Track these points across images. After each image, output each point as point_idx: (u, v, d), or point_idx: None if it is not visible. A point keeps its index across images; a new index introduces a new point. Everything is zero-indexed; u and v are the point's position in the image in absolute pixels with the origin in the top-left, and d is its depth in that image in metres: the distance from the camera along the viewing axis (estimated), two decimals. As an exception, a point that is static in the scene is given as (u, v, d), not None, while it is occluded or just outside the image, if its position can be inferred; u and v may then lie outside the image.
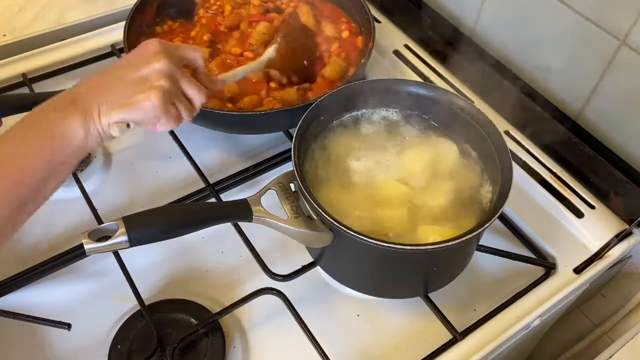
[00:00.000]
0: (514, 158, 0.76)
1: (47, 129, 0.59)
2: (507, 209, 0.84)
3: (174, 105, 0.64)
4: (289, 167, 0.70)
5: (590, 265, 0.79)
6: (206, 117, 0.83)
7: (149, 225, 0.61)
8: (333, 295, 0.77)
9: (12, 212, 0.57)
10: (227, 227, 0.77)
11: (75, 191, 0.82)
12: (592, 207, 0.83)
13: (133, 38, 0.90)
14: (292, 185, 0.70)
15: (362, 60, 0.88)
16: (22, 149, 0.58)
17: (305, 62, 0.89)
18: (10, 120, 0.80)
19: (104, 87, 0.62)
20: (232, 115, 0.82)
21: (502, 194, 0.67)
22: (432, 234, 0.67)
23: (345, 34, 0.96)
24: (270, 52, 0.83)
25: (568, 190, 0.84)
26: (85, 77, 0.65)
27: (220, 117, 0.82)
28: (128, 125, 0.62)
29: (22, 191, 0.57)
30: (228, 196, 0.84)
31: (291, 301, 0.73)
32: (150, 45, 0.65)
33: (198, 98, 0.67)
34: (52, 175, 0.59)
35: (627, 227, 0.80)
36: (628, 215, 0.82)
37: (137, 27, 0.93)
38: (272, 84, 0.88)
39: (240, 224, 0.78)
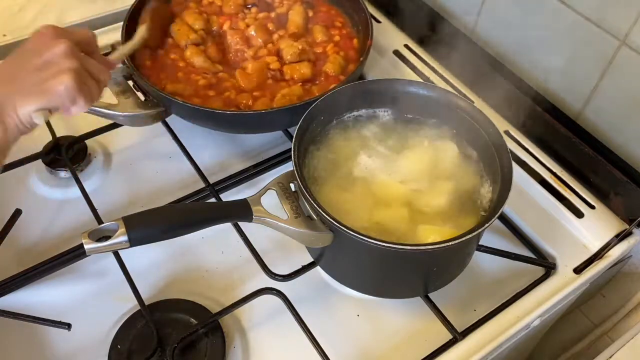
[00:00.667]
0: (514, 158, 0.76)
1: None
2: (507, 209, 0.84)
3: (85, 85, 0.65)
4: (289, 167, 0.70)
5: (590, 265, 0.79)
6: (206, 117, 0.83)
7: (149, 225, 0.61)
8: (333, 295, 0.77)
9: None
10: (227, 227, 0.77)
11: (75, 191, 0.82)
12: (592, 207, 0.83)
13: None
14: (292, 185, 0.70)
15: (362, 58, 0.88)
16: None
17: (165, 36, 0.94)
18: None
19: (11, 78, 0.62)
20: (231, 114, 0.82)
21: (502, 194, 0.67)
22: (432, 234, 0.67)
23: (336, 38, 0.96)
24: (142, 30, 0.87)
25: (568, 190, 0.84)
26: None
27: (220, 116, 0.81)
28: (50, 112, 0.63)
29: None
30: (228, 196, 0.84)
31: (291, 301, 0.73)
32: (45, 31, 0.65)
33: (103, 75, 0.68)
34: None
35: (627, 227, 0.80)
36: (628, 215, 0.82)
37: (137, 27, 0.93)
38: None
39: (240, 224, 0.78)
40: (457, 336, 0.71)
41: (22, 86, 0.61)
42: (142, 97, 0.85)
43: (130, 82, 0.87)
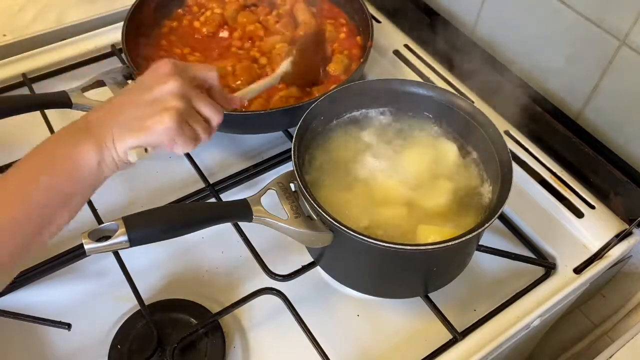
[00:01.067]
0: (514, 158, 0.76)
1: (60, 159, 0.58)
2: (507, 209, 0.84)
3: (188, 126, 0.62)
4: (289, 167, 0.70)
5: (590, 265, 0.79)
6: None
7: (149, 225, 0.61)
8: (333, 295, 0.77)
9: (18, 246, 0.56)
10: (227, 227, 0.77)
11: (75, 191, 0.82)
12: (592, 207, 0.83)
13: (132, 38, 0.90)
14: (292, 185, 0.70)
15: (362, 59, 0.88)
16: (32, 179, 0.57)
17: (320, 69, 0.88)
18: (10, 122, 0.81)
19: (116, 112, 0.61)
20: (231, 115, 0.82)
21: (502, 194, 0.67)
22: (432, 234, 0.67)
23: (342, 35, 0.96)
24: (285, 65, 0.81)
25: (568, 190, 0.84)
26: (100, 103, 0.63)
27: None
28: (146, 150, 0.61)
29: (30, 225, 0.56)
30: (228, 196, 0.84)
31: (291, 301, 0.73)
32: (162, 65, 0.63)
33: (215, 117, 0.65)
34: (63, 206, 0.58)
35: (627, 227, 0.80)
36: (628, 215, 0.82)
37: (136, 27, 0.93)
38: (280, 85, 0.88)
39: (240, 224, 0.78)
40: (457, 336, 0.71)
41: (124, 121, 0.60)
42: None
43: (130, 82, 0.87)
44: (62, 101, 0.82)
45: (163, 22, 0.99)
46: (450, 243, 0.62)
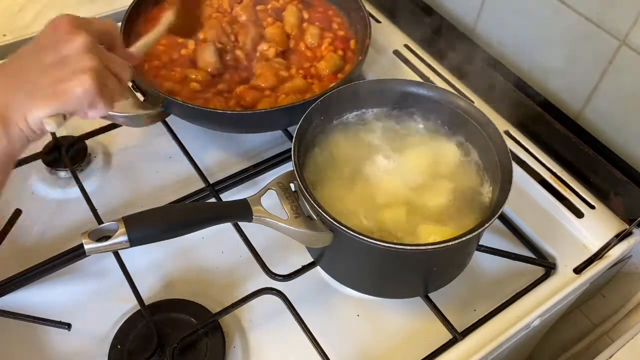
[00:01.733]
0: (514, 158, 0.76)
1: None
2: (507, 209, 0.84)
3: (105, 86, 0.56)
4: (289, 167, 0.70)
5: (590, 265, 0.79)
6: (205, 117, 0.83)
7: (149, 225, 0.61)
8: (333, 295, 0.77)
9: None
10: (227, 227, 0.77)
11: (75, 191, 0.82)
12: (592, 207, 0.83)
13: (131, 38, 0.90)
14: (292, 185, 0.70)
15: (360, 58, 0.88)
16: None
17: (200, 20, 0.88)
18: None
19: (20, 81, 0.54)
20: (230, 114, 0.82)
21: (502, 194, 0.67)
22: (432, 234, 0.67)
23: (340, 32, 0.96)
24: (169, 16, 0.79)
25: (568, 190, 0.84)
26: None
27: (219, 116, 0.81)
28: (64, 117, 0.55)
29: None
30: (228, 196, 0.84)
31: (291, 301, 0.73)
32: (59, 22, 0.56)
33: (125, 74, 0.60)
34: None
35: (627, 227, 0.80)
36: (628, 215, 0.82)
37: (135, 27, 0.92)
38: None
39: (240, 224, 0.78)
40: (457, 336, 0.71)
41: (33, 88, 0.53)
42: (142, 98, 0.85)
43: (130, 83, 0.86)
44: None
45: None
46: (450, 243, 0.62)
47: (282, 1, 1.00)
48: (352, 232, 0.62)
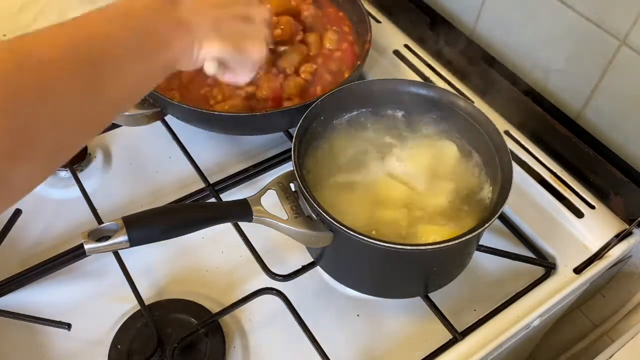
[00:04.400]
0: (514, 158, 0.76)
1: (147, 27, 0.51)
2: (507, 209, 0.84)
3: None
4: (289, 167, 0.70)
5: (590, 265, 0.79)
6: (204, 119, 0.83)
7: (149, 225, 0.61)
8: (333, 295, 0.77)
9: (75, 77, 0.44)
10: (227, 227, 0.77)
11: (75, 191, 0.82)
12: (592, 207, 0.83)
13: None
14: (292, 185, 0.70)
15: (359, 62, 0.88)
16: (111, 18, 0.50)
17: None
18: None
19: (210, 8, 0.57)
20: (228, 116, 0.81)
21: (502, 194, 0.67)
22: (432, 234, 0.67)
23: (344, 45, 0.95)
24: None
25: (568, 190, 0.84)
26: None
27: (217, 118, 0.81)
28: (221, 65, 0.59)
29: (92, 53, 0.46)
30: (228, 196, 0.84)
31: (291, 301, 0.73)
32: None
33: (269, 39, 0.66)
34: (127, 64, 0.49)
35: (627, 227, 0.80)
36: (628, 215, 0.82)
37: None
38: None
39: (240, 224, 0.78)
40: (457, 336, 0.71)
41: (221, 24, 0.56)
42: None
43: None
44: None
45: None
46: (450, 243, 0.62)
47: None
48: (352, 232, 0.62)
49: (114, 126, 0.89)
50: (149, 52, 0.51)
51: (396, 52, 1.03)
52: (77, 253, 0.76)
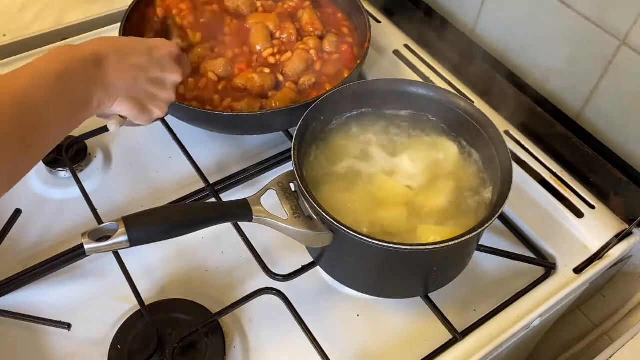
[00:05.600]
0: (514, 158, 0.76)
1: (74, 95, 0.58)
2: (507, 209, 0.84)
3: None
4: (289, 167, 0.70)
5: (590, 265, 0.79)
6: (204, 119, 0.83)
7: (149, 225, 0.61)
8: (333, 295, 0.77)
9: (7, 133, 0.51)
10: (227, 227, 0.77)
11: (75, 191, 0.82)
12: (592, 207, 0.83)
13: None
14: (292, 185, 0.70)
15: (359, 61, 0.88)
16: (40, 83, 0.55)
17: None
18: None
19: (131, 71, 0.64)
20: (227, 116, 0.81)
21: (502, 194, 0.67)
22: (432, 234, 0.67)
23: (344, 47, 0.95)
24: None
25: (568, 190, 0.84)
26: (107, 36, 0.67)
27: (219, 118, 0.81)
28: (123, 121, 0.65)
29: (23, 116, 0.52)
30: (228, 196, 0.84)
31: (291, 301, 0.73)
32: (175, 50, 0.70)
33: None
34: (52, 124, 0.56)
35: (627, 227, 0.80)
36: (628, 215, 0.82)
37: (134, 28, 0.92)
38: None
39: (240, 224, 0.78)
40: (457, 336, 0.71)
41: (134, 87, 0.63)
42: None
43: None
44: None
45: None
46: (450, 243, 0.62)
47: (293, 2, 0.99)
48: (352, 232, 0.62)
49: (114, 126, 0.89)
50: (75, 113, 0.59)
51: (396, 52, 1.03)
52: (77, 253, 0.76)
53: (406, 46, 1.04)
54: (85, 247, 0.58)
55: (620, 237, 0.79)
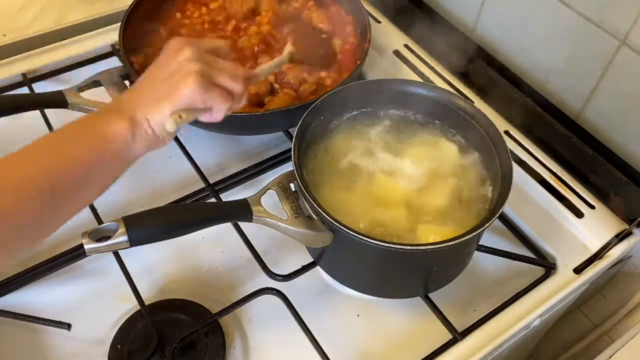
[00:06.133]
0: (514, 158, 0.76)
1: (93, 128, 0.58)
2: (507, 209, 0.84)
3: (216, 85, 0.63)
4: (289, 167, 0.70)
5: (590, 265, 0.79)
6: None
7: (149, 225, 0.61)
8: (333, 295, 0.77)
9: (43, 206, 0.54)
10: (227, 227, 0.77)
11: (75, 191, 0.82)
12: (592, 207, 0.83)
13: (130, 38, 0.90)
14: (292, 185, 0.70)
15: (359, 62, 0.88)
16: (63, 142, 0.57)
17: (320, 52, 0.93)
18: (11, 123, 0.81)
19: (143, 91, 0.63)
20: (230, 116, 0.80)
21: (502, 194, 0.67)
22: (432, 234, 0.67)
23: (347, 47, 0.95)
24: (288, 47, 0.81)
25: (568, 190, 0.84)
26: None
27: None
28: (180, 117, 0.61)
29: (56, 185, 0.55)
30: (228, 196, 0.84)
31: (291, 301, 0.73)
32: (173, 42, 0.65)
33: (238, 74, 0.65)
34: (91, 176, 0.58)
35: (627, 227, 0.80)
36: (628, 215, 0.82)
37: (134, 27, 0.93)
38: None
39: (240, 224, 0.78)
40: (457, 336, 0.71)
41: (153, 96, 0.61)
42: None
43: (127, 82, 0.86)
44: (58, 101, 0.81)
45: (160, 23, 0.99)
46: (450, 243, 0.62)
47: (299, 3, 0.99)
48: (352, 232, 0.62)
49: (114, 126, 0.89)
50: (100, 173, 0.60)
51: (396, 52, 1.03)
52: (77, 253, 0.76)
53: (406, 46, 1.04)
54: (85, 247, 0.59)
55: (620, 237, 0.79)
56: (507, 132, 0.91)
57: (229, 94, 0.64)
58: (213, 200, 0.83)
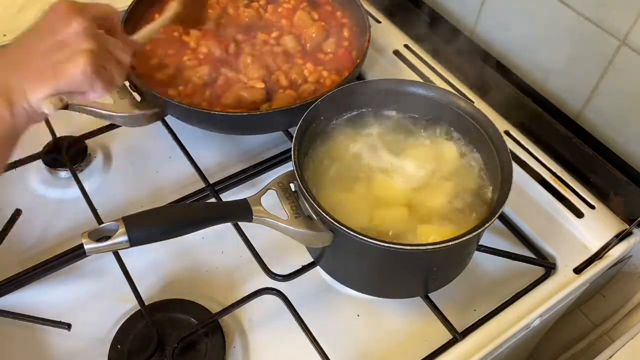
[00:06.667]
0: (514, 158, 0.76)
1: None
2: (507, 209, 0.84)
3: (104, 68, 0.58)
4: (289, 167, 0.70)
5: (590, 265, 0.79)
6: (204, 119, 0.83)
7: (149, 225, 0.61)
8: (333, 295, 0.77)
9: None
10: (227, 227, 0.77)
11: (75, 191, 0.82)
12: (592, 207, 0.83)
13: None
14: (292, 185, 0.70)
15: (358, 61, 0.88)
16: None
17: (205, 11, 0.91)
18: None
19: (21, 61, 0.57)
20: (226, 116, 0.81)
21: (502, 194, 0.67)
22: (432, 234, 0.67)
23: (345, 43, 0.95)
24: (174, 5, 0.80)
25: (568, 190, 0.84)
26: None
27: (219, 118, 0.81)
28: (61, 100, 0.57)
29: None
30: (228, 196, 0.84)
31: (291, 301, 0.73)
32: (58, 7, 0.58)
33: (125, 57, 0.61)
34: None
35: (627, 227, 0.80)
36: (628, 215, 0.82)
37: (134, 27, 0.92)
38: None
39: (240, 224, 0.78)
40: (457, 336, 0.71)
41: (34, 70, 0.55)
42: (138, 98, 0.85)
43: (127, 82, 0.86)
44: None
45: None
46: (450, 243, 0.62)
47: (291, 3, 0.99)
48: (352, 232, 0.62)
49: (114, 126, 0.89)
50: None
51: (396, 52, 1.03)
52: (77, 253, 0.76)
53: (406, 46, 1.04)
54: (85, 247, 0.58)
55: (620, 237, 0.79)
56: (507, 132, 0.91)
57: (114, 79, 0.60)
58: (213, 200, 0.83)
